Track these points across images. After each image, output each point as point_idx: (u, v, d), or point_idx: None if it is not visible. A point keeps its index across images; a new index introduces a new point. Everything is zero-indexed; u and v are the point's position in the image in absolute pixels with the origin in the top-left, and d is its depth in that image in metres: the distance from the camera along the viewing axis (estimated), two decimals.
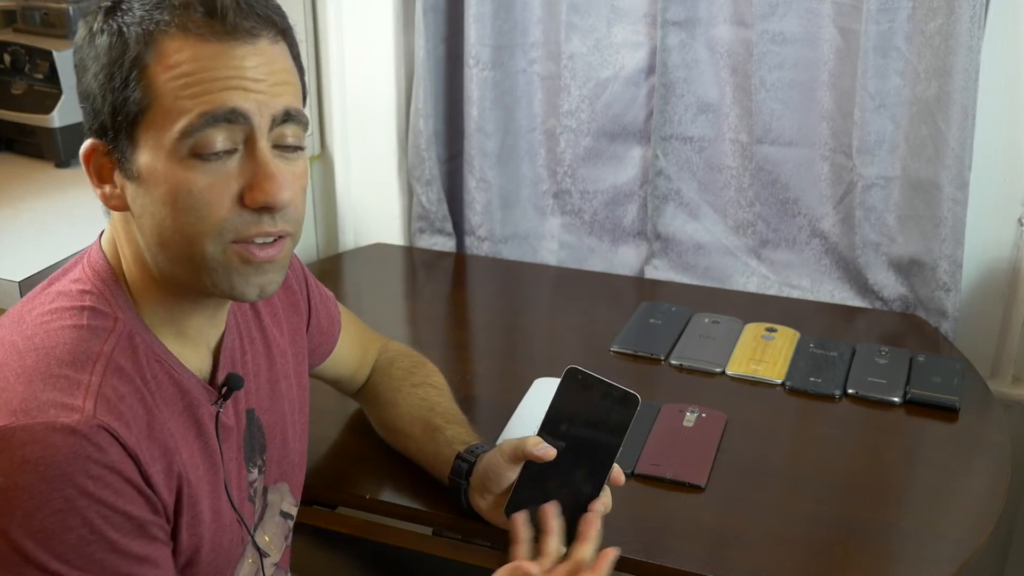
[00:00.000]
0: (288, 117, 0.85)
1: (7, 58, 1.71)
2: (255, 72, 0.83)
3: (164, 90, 0.81)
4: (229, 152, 0.83)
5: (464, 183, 1.90)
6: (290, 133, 0.86)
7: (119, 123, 0.83)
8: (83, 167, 0.88)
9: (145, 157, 0.83)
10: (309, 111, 2.01)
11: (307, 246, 2.02)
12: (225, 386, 0.95)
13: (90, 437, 0.79)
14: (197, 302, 0.91)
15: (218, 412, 0.94)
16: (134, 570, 0.83)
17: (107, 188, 0.87)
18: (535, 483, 1.07)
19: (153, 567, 0.84)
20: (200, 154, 0.82)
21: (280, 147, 0.86)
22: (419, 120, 1.83)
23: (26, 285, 1.31)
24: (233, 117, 0.82)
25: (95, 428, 0.80)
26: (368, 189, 1.96)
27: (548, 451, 1.06)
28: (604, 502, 1.06)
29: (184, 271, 0.86)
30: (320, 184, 1.99)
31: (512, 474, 1.09)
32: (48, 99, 1.69)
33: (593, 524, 1.05)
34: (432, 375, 1.30)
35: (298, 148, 0.88)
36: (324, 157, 1.96)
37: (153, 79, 0.82)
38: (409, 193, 1.94)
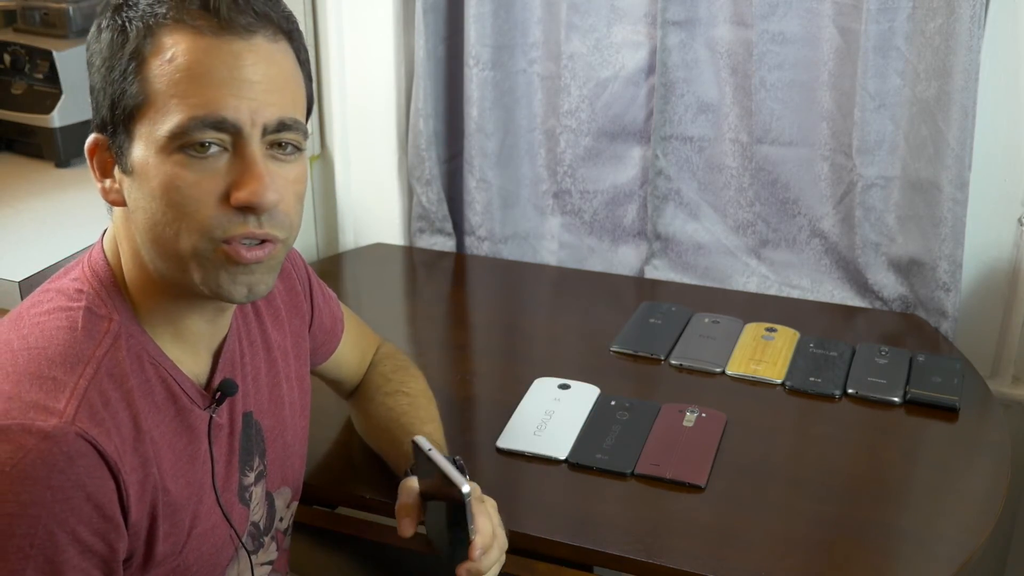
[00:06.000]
0: (282, 127, 0.84)
1: (7, 58, 1.71)
2: (250, 72, 0.82)
3: (159, 85, 0.81)
4: (219, 150, 0.82)
5: (464, 183, 1.90)
6: (286, 138, 0.85)
7: (117, 117, 0.84)
8: (87, 162, 0.88)
9: (139, 151, 0.83)
10: None
11: (307, 246, 2.02)
12: (219, 391, 0.94)
13: (62, 445, 0.78)
14: (195, 303, 0.90)
15: (211, 417, 0.93)
16: None
17: (107, 183, 0.88)
18: (432, 525, 1.05)
19: None
20: (189, 152, 0.81)
21: (275, 147, 0.85)
22: (419, 120, 1.83)
23: (26, 285, 1.31)
24: (222, 126, 0.81)
25: (71, 435, 0.79)
26: (368, 189, 1.96)
27: (404, 530, 1.03)
28: (467, 567, 0.99)
29: (174, 268, 0.85)
30: (320, 184, 1.99)
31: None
32: (48, 99, 1.69)
33: None
34: (409, 382, 1.28)
35: (296, 150, 0.87)
36: (324, 157, 1.96)
37: (149, 73, 0.82)
38: (409, 193, 1.94)
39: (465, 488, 0.94)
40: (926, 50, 1.54)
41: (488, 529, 0.99)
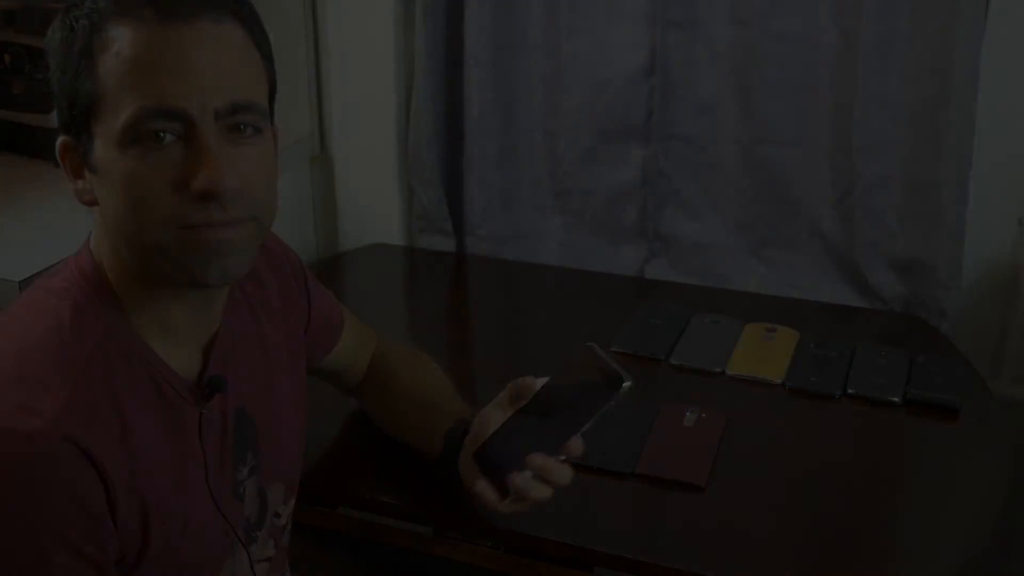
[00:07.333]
0: (236, 109, 0.83)
1: (7, 58, 1.71)
2: (195, 58, 0.81)
3: (109, 80, 0.80)
4: (174, 140, 0.81)
5: (464, 183, 1.90)
6: (243, 119, 0.84)
7: (77, 116, 0.83)
8: (61, 165, 0.88)
9: (99, 149, 0.83)
10: (308, 111, 2.01)
11: (307, 246, 2.02)
12: (207, 387, 0.94)
13: (46, 447, 0.78)
14: (178, 293, 0.89)
15: (201, 413, 0.93)
16: None
17: (79, 184, 0.87)
18: (508, 436, 1.06)
19: None
20: (145, 144, 0.80)
21: (234, 130, 0.84)
22: (419, 120, 1.83)
23: (26, 285, 1.30)
24: (173, 114, 0.80)
25: (54, 437, 0.78)
26: (368, 189, 1.96)
27: (529, 384, 1.05)
28: (543, 457, 1.02)
29: (146, 262, 0.85)
30: (320, 184, 1.99)
31: (500, 420, 1.07)
32: (48, 99, 1.68)
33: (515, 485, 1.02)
34: (429, 362, 1.31)
35: (256, 131, 0.85)
36: (324, 157, 1.96)
37: (100, 69, 0.81)
38: (409, 193, 1.94)
39: (627, 382, 1.01)
40: (926, 50, 1.54)
41: (581, 446, 1.03)
